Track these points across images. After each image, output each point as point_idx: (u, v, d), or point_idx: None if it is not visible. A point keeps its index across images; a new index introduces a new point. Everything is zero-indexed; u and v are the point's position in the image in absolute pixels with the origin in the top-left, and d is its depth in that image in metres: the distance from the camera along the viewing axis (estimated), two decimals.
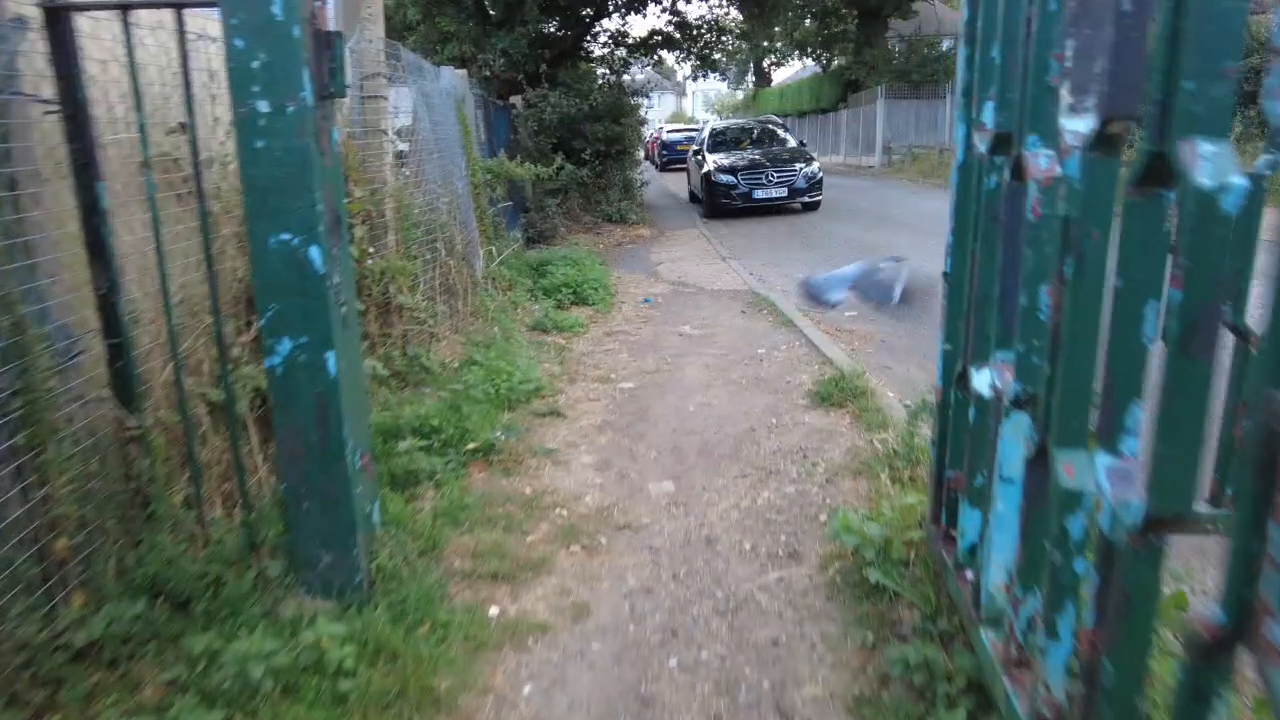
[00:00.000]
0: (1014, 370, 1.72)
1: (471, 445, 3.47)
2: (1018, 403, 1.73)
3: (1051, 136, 1.63)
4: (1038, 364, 1.68)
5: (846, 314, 6.69)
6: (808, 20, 30.02)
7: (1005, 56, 1.83)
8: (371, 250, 4.13)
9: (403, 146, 4.96)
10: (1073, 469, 1.42)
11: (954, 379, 2.21)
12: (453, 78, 7.59)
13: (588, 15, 14.52)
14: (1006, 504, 1.81)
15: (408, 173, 4.90)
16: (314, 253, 2.19)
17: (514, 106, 12.53)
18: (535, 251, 8.99)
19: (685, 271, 8.97)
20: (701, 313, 6.76)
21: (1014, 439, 1.77)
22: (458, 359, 4.65)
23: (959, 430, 2.24)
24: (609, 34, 15.37)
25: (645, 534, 3.00)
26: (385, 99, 4.40)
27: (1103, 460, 1.27)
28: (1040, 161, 1.61)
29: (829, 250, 9.88)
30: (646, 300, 7.43)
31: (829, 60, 31.73)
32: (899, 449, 3.46)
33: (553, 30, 14.02)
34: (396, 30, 13.67)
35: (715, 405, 4.32)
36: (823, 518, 3.04)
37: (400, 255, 4.45)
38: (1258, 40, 9.29)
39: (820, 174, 13.87)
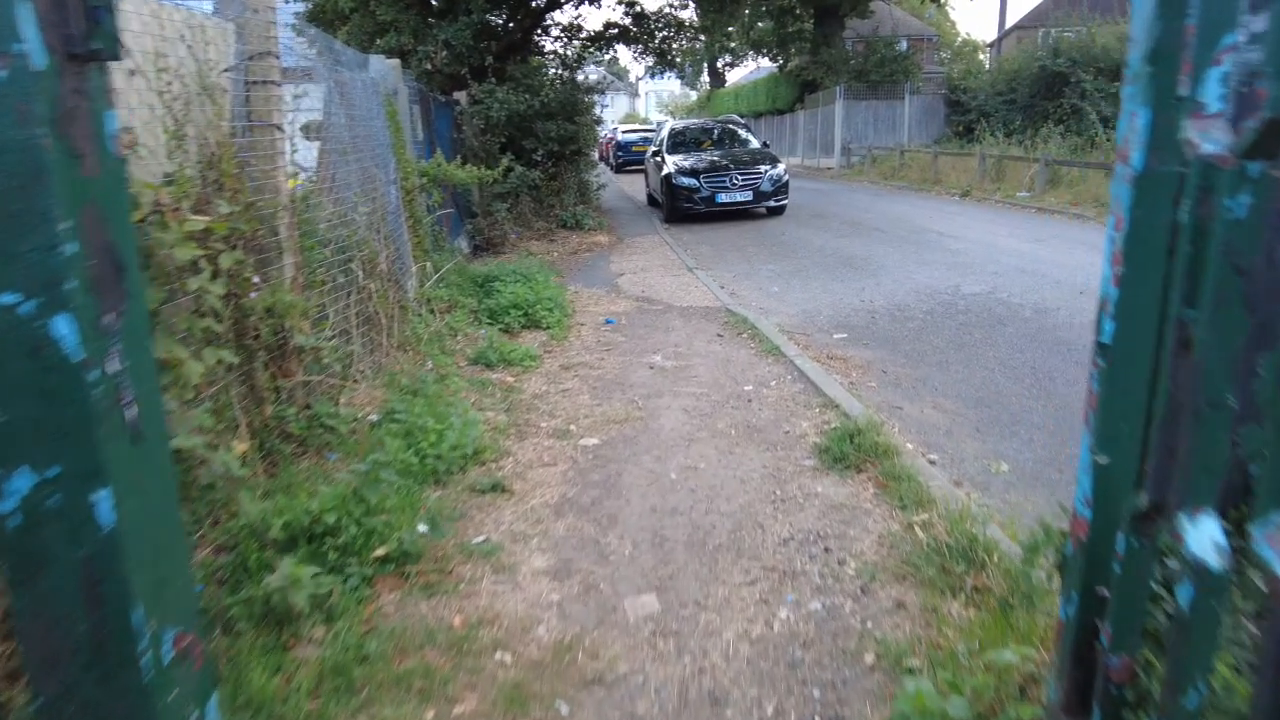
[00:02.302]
0: None
1: (381, 551, 2.56)
2: None
3: None
4: None
5: (835, 336, 5.91)
6: (760, 23, 29.48)
7: None
8: (257, 280, 3.18)
9: (304, 147, 4.00)
10: None
11: (1131, 518, 1.38)
12: (383, 67, 6.62)
13: (538, 5, 13.56)
14: None
15: (311, 177, 3.95)
16: (61, 326, 1.27)
17: (458, 103, 11.54)
18: (482, 263, 8.05)
19: (650, 285, 8.10)
20: (672, 336, 5.90)
21: None
22: (377, 409, 3.72)
23: (1131, 595, 1.42)
24: (561, 28, 14.43)
25: (623, 691, 2.12)
26: (276, 84, 3.45)
27: None
28: None
29: (803, 260, 9.12)
30: (609, 321, 6.54)
31: (785, 60, 31.21)
32: (949, 540, 2.66)
33: (500, 21, 13.02)
34: (328, 20, 12.54)
35: (702, 470, 3.46)
36: (868, 657, 2.21)
37: (301, 283, 3.50)
38: None
39: (786, 176, 13.14)
